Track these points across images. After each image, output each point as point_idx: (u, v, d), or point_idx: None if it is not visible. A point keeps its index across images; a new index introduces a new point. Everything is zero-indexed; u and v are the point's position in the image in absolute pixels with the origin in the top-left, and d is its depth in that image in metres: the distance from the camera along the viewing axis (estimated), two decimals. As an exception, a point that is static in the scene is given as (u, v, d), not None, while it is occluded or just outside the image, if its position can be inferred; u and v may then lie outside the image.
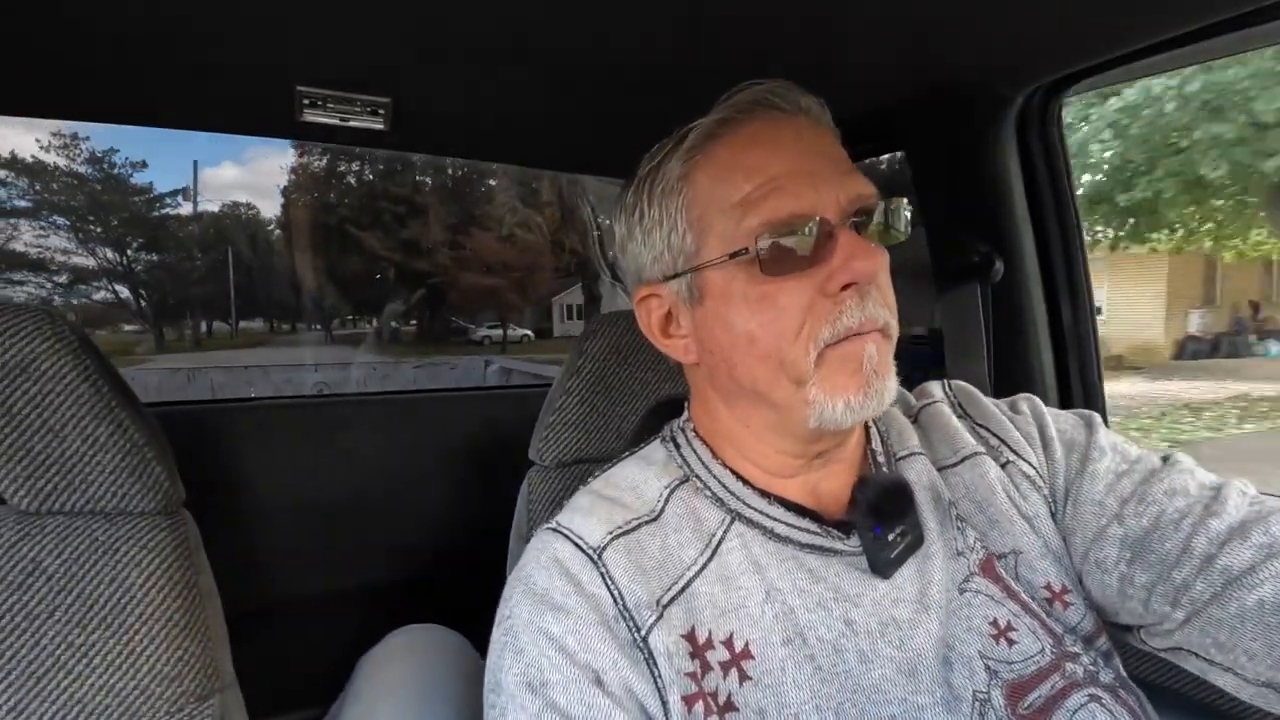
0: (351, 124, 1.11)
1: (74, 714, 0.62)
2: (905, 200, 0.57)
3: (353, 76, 0.98)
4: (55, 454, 0.65)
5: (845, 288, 0.53)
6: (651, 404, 0.85)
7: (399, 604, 1.30)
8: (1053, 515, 0.61)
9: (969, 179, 1.06)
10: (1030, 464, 0.63)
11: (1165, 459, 0.61)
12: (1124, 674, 0.57)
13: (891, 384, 0.55)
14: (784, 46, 0.87)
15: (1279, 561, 0.49)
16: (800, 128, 0.56)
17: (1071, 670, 0.54)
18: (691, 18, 0.79)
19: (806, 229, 0.53)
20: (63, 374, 0.66)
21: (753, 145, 0.55)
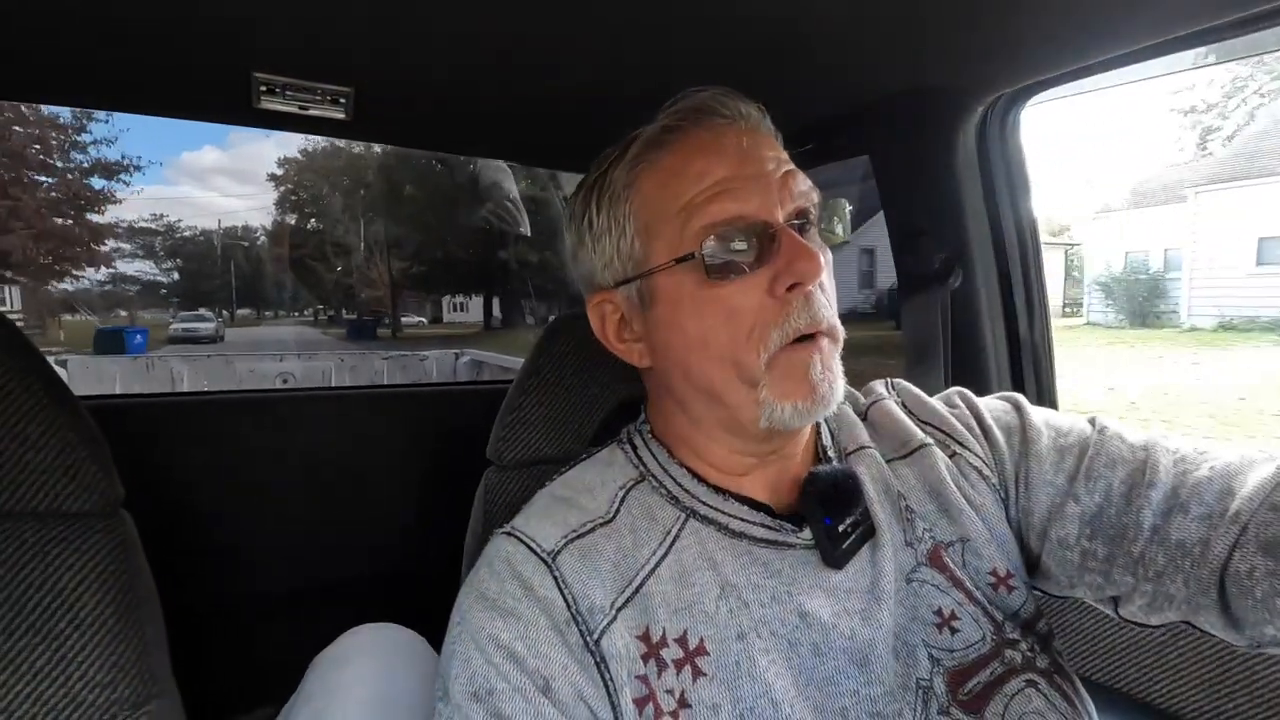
0: (312, 113, 1.08)
1: None
2: (844, 201, 0.58)
3: (313, 64, 0.95)
4: None
5: (791, 289, 0.54)
6: (612, 406, 0.85)
7: (355, 602, 1.28)
8: (1003, 501, 0.63)
9: (930, 184, 1.08)
10: (975, 454, 0.65)
11: (1092, 422, 0.63)
12: (1059, 660, 0.59)
13: (839, 385, 0.56)
14: (751, 49, 0.87)
15: (1225, 530, 0.51)
16: (741, 133, 0.57)
17: (1010, 656, 0.56)
18: (659, 16, 0.79)
19: (750, 231, 0.54)
20: None
21: (697, 152, 0.56)
